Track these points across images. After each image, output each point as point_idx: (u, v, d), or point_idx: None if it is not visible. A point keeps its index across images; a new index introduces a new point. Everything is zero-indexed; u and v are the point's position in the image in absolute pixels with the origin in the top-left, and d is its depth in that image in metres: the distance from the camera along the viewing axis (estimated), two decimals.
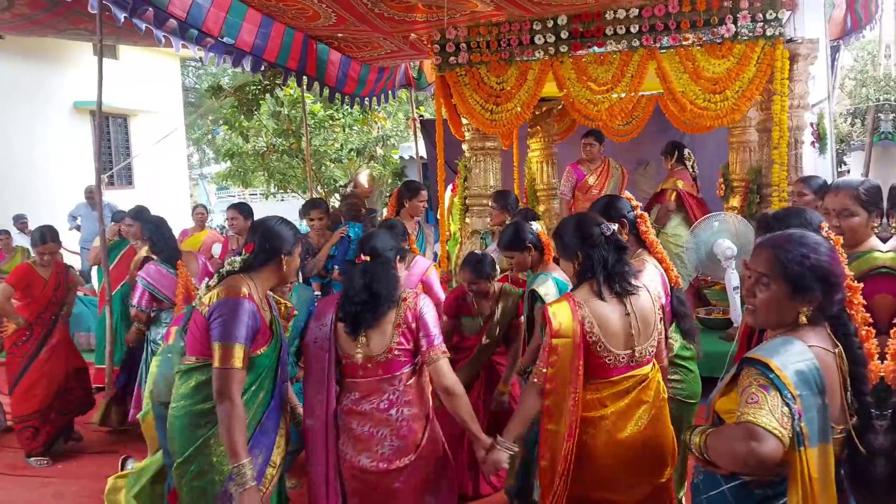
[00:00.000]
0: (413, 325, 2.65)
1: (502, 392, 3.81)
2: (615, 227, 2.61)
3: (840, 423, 1.70)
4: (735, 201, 6.12)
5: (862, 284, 1.95)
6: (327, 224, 5.40)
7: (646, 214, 3.19)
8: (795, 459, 1.62)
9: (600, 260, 2.49)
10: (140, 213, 5.40)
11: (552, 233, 2.85)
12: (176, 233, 4.93)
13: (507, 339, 3.91)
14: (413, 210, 5.22)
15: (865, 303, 1.89)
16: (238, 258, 2.59)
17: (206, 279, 2.76)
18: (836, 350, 1.75)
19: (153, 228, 4.62)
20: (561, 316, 2.43)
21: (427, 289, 4.12)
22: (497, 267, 3.82)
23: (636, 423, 2.46)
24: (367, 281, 2.63)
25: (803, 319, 1.76)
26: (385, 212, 7.68)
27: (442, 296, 4.18)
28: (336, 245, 5.21)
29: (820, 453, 1.62)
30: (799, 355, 1.68)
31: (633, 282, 2.53)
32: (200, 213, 8.37)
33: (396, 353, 2.63)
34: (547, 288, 3.31)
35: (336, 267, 5.20)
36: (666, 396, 2.62)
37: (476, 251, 4.17)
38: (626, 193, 3.29)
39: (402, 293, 2.71)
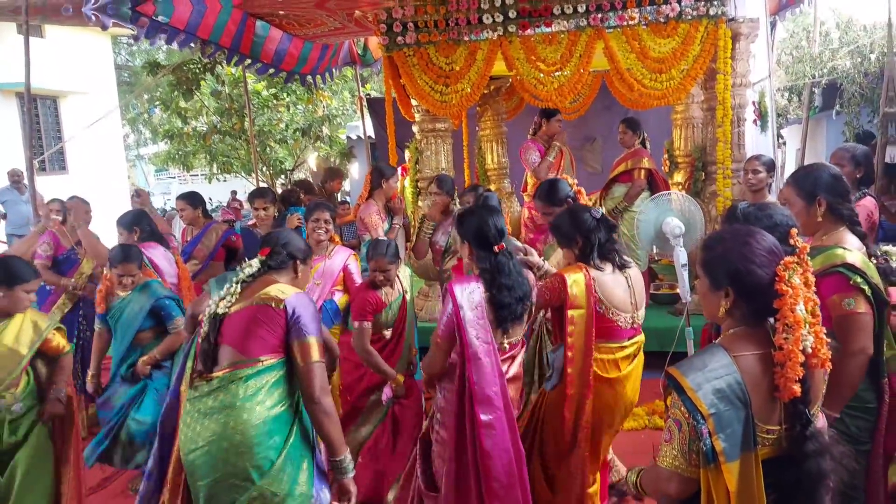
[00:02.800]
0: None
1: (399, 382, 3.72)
2: (601, 210, 3.10)
3: (774, 424, 1.70)
4: (679, 177, 6.23)
5: (816, 281, 1.89)
6: (274, 213, 5.27)
7: (582, 191, 3.68)
8: (703, 478, 1.68)
9: (596, 240, 2.94)
10: (193, 197, 5.39)
11: (550, 227, 3.20)
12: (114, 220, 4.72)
13: None
14: (384, 194, 5.15)
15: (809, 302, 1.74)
16: (255, 261, 2.59)
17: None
18: (770, 350, 1.71)
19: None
20: (576, 287, 2.85)
21: (347, 277, 4.20)
22: (399, 255, 3.80)
23: (634, 384, 3.04)
24: (521, 274, 2.79)
25: (722, 312, 1.78)
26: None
27: (358, 282, 4.14)
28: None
29: (742, 464, 1.63)
30: (720, 370, 1.67)
31: (625, 256, 3.00)
32: (141, 200, 8.08)
33: (525, 332, 2.94)
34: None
35: None
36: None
37: (382, 238, 4.21)
38: (564, 174, 3.61)
39: None
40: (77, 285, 4.90)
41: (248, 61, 7.00)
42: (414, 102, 5.86)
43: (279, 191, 10.85)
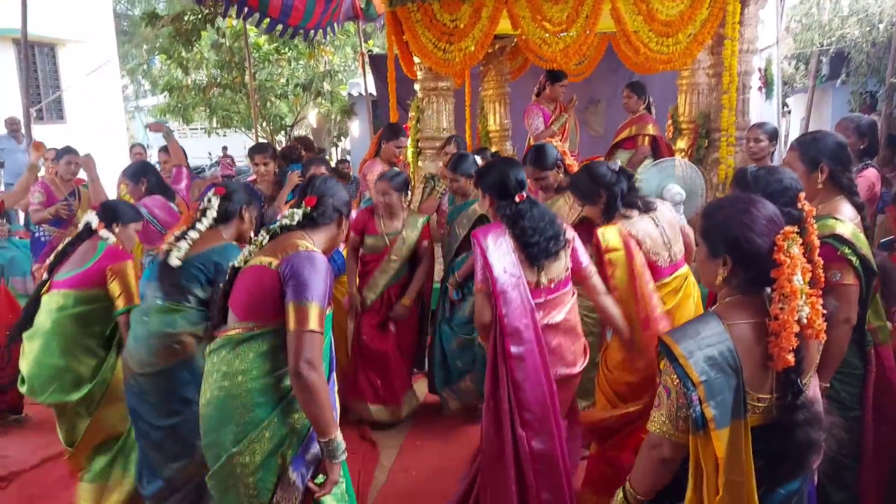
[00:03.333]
0: (577, 253, 2.92)
1: (405, 305, 4.34)
2: (618, 162, 3.20)
3: (765, 393, 1.71)
4: (683, 143, 6.18)
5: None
6: (274, 170, 5.24)
7: (567, 151, 3.92)
8: (692, 443, 1.70)
9: (619, 191, 3.06)
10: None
11: (569, 185, 3.37)
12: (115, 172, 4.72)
13: (414, 260, 4.39)
14: (388, 154, 5.21)
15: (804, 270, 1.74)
16: (298, 211, 2.31)
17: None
18: (765, 320, 1.71)
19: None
20: (609, 235, 2.96)
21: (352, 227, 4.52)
22: (406, 186, 4.36)
23: (684, 313, 3.08)
24: (549, 218, 2.84)
25: (719, 281, 1.78)
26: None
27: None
28: (292, 190, 5.12)
29: (732, 431, 1.65)
30: (712, 338, 1.68)
31: (648, 199, 3.14)
32: (139, 154, 8.05)
33: (566, 273, 2.89)
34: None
35: None
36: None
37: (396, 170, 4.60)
38: (554, 141, 3.89)
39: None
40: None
41: (257, 15, 6.90)
42: (416, 60, 5.78)
43: (279, 147, 10.77)
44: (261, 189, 5.08)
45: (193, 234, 2.72)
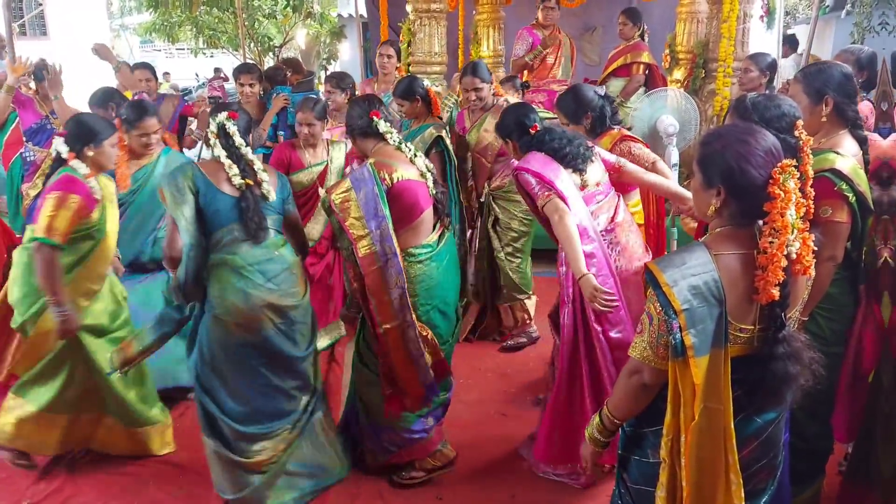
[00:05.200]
0: (602, 156, 3.03)
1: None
2: (604, 88, 3.39)
3: (748, 324, 1.72)
4: (679, 73, 6.08)
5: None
6: (259, 92, 5.11)
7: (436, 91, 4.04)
8: (671, 370, 1.72)
9: (606, 112, 3.24)
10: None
11: (555, 105, 3.38)
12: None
13: None
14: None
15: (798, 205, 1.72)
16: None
17: None
18: (754, 252, 1.70)
19: None
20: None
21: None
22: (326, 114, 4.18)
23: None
24: (564, 131, 2.98)
25: (711, 211, 1.76)
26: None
27: None
28: (277, 114, 5.02)
29: (712, 359, 1.66)
30: (697, 268, 1.68)
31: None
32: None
33: (605, 175, 2.99)
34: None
35: (282, 133, 5.03)
36: None
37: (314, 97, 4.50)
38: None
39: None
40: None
41: None
42: None
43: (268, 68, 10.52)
44: (245, 110, 4.97)
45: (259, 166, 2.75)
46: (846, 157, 2.41)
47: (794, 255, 1.67)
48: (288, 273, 2.71)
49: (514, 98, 5.17)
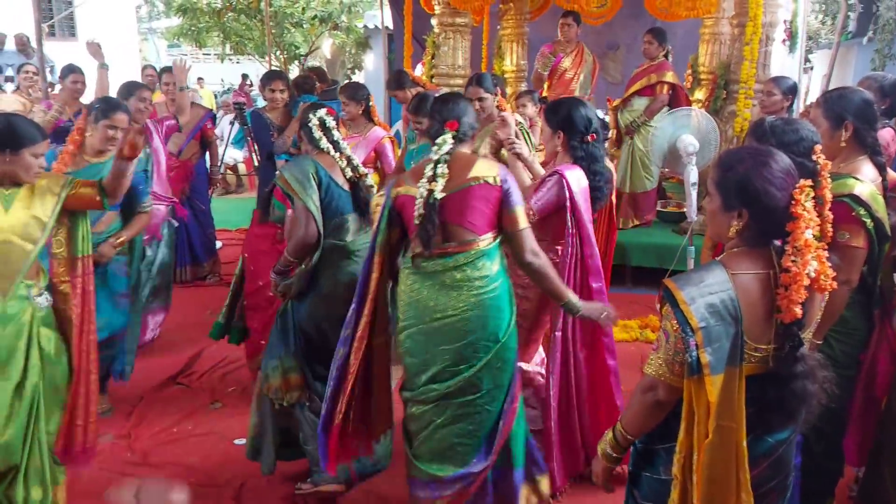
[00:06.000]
0: None
1: None
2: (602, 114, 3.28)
3: (764, 343, 1.73)
4: (701, 94, 6.10)
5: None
6: (286, 99, 5.17)
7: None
8: (686, 387, 1.73)
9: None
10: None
11: (546, 111, 3.19)
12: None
13: None
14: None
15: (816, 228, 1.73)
16: (448, 137, 2.50)
17: None
18: (770, 272, 1.72)
19: None
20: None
21: (380, 156, 4.52)
22: None
23: None
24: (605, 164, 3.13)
25: (732, 233, 1.77)
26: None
27: (393, 164, 4.48)
28: None
29: (726, 377, 1.68)
30: (715, 286, 1.69)
31: None
32: (150, 76, 7.95)
33: None
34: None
35: None
36: None
37: None
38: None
39: None
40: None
41: None
42: None
43: (293, 76, 10.64)
44: (271, 117, 5.05)
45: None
46: (865, 182, 2.42)
47: (812, 274, 1.68)
48: None
49: (532, 111, 5.23)
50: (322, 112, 2.97)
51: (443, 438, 2.53)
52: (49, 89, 5.95)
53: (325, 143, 2.94)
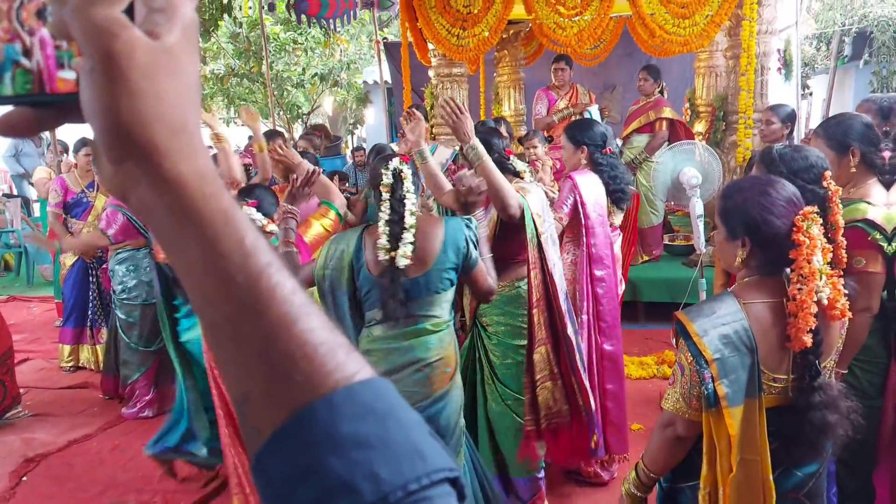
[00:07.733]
0: None
1: None
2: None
3: (782, 373, 1.70)
4: (700, 126, 6.13)
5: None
6: None
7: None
8: (705, 421, 1.70)
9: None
10: None
11: (566, 130, 3.50)
12: None
13: None
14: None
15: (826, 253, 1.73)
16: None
17: None
18: (783, 300, 1.70)
19: None
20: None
21: None
22: None
23: None
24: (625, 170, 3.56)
25: (738, 263, 1.76)
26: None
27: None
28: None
29: (746, 409, 1.65)
30: (727, 317, 1.68)
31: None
32: None
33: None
34: None
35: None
36: None
37: None
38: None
39: None
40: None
41: (276, 5, 6.95)
42: (431, 46, 5.77)
43: (297, 135, 10.81)
44: (274, 175, 5.12)
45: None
46: (877, 206, 2.40)
47: (825, 301, 1.66)
48: None
49: (542, 151, 5.26)
50: (396, 162, 2.59)
51: None
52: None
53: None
